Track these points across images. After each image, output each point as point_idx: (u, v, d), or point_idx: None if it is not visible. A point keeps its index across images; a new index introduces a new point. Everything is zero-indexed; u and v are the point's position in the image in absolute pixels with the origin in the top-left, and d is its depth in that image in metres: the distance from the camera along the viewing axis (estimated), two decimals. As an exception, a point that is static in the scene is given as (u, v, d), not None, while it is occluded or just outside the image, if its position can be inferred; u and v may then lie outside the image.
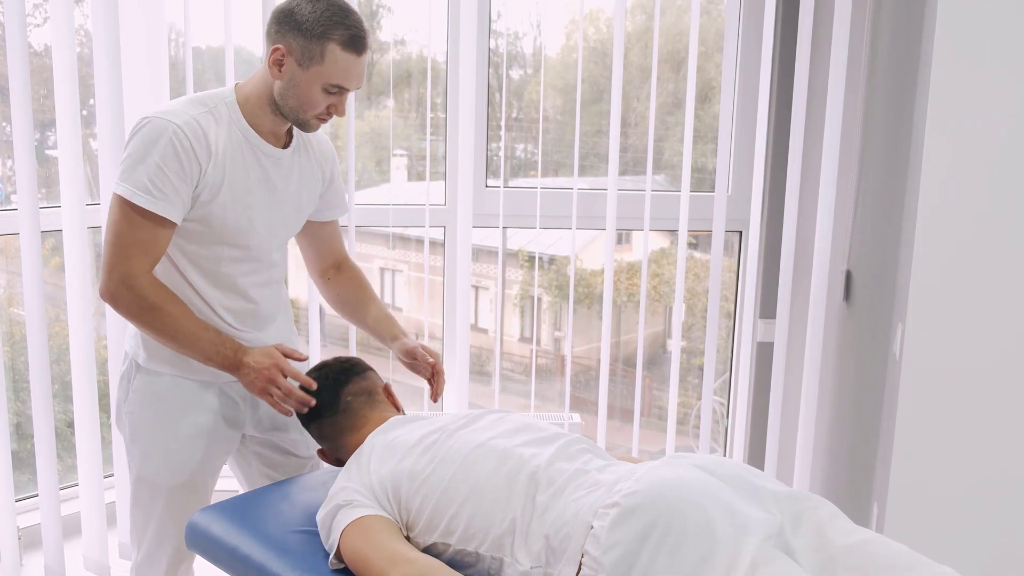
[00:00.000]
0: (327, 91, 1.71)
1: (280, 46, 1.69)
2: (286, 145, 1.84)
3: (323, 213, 2.01)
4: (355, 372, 1.87)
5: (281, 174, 1.83)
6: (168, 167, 1.67)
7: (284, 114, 1.76)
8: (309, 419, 1.84)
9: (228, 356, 1.74)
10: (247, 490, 2.02)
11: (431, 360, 1.97)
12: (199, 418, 1.86)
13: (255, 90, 1.76)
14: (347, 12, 1.69)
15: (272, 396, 1.75)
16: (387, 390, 1.91)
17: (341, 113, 1.77)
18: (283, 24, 1.69)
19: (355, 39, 1.69)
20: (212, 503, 1.86)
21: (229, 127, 1.75)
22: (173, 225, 1.71)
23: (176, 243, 1.77)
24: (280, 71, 1.71)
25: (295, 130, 1.85)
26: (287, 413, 1.78)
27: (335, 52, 1.68)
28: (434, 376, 1.97)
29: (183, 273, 1.80)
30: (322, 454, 1.88)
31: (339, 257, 2.11)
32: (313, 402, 1.79)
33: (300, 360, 1.81)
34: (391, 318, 2.07)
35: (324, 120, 1.78)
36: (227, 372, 1.77)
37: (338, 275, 2.10)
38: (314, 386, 1.79)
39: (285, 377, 1.75)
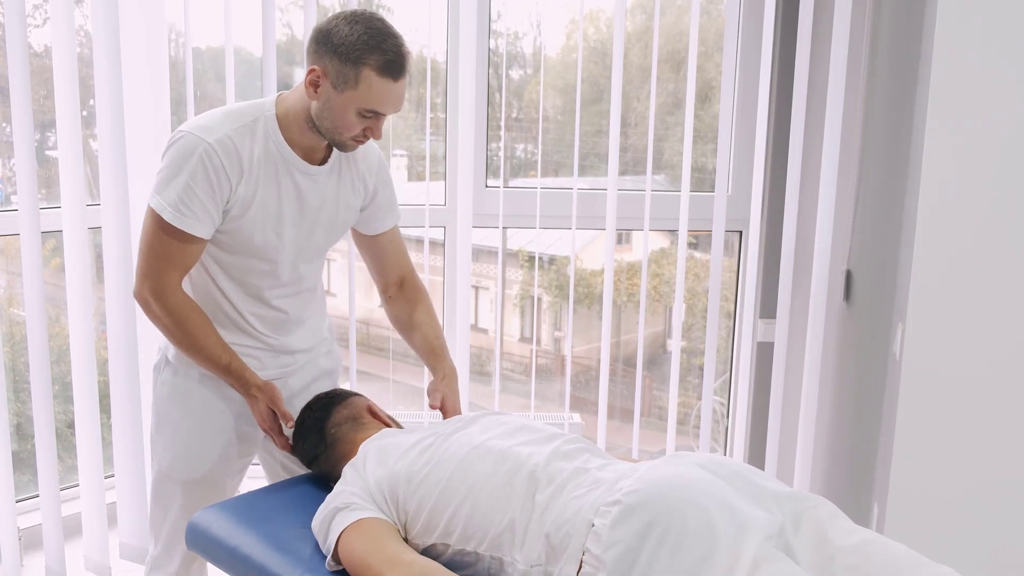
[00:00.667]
0: (362, 115, 1.68)
1: (316, 67, 1.66)
2: (324, 160, 1.82)
3: (370, 226, 1.97)
4: (335, 403, 1.88)
5: (316, 191, 1.81)
6: (197, 185, 1.68)
7: (321, 133, 1.73)
8: (309, 462, 1.88)
9: (233, 386, 1.84)
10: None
11: (434, 406, 1.93)
12: (220, 417, 1.89)
13: (294, 106, 1.74)
14: (384, 36, 1.64)
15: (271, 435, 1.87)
16: (371, 410, 1.90)
17: (378, 136, 1.74)
18: (320, 45, 1.65)
19: (391, 64, 1.64)
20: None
21: (265, 142, 1.74)
22: (202, 241, 1.74)
23: (208, 250, 1.79)
24: (316, 92, 1.68)
25: None
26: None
27: (370, 77, 1.64)
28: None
29: (214, 279, 1.83)
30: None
31: (401, 272, 2.05)
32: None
33: (288, 425, 1.86)
34: (434, 350, 2.00)
35: (361, 142, 1.75)
36: None
37: (399, 293, 2.05)
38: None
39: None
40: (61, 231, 2.47)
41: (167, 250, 1.72)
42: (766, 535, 1.34)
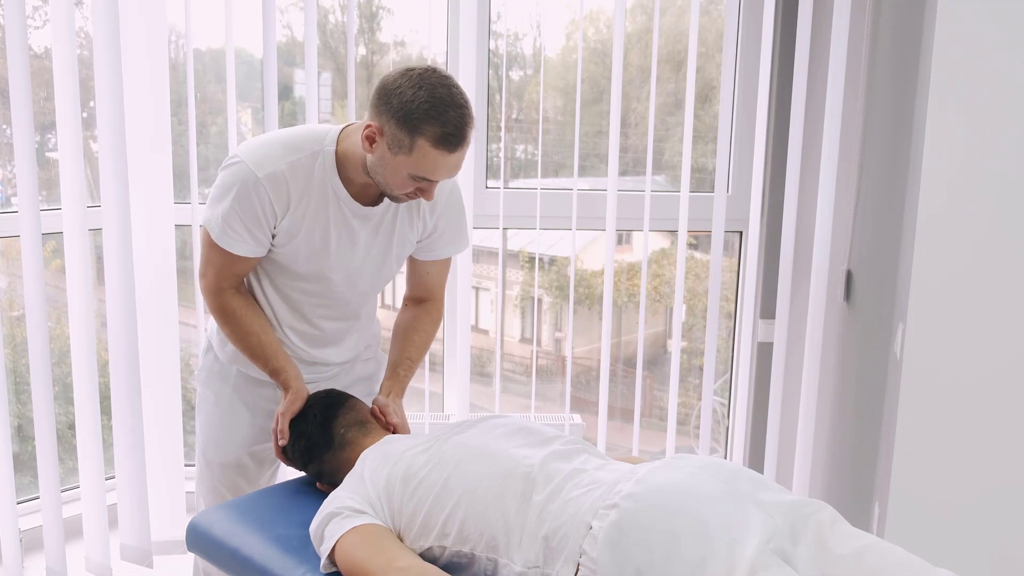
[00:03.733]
0: (414, 178, 1.65)
1: (373, 124, 1.63)
2: (381, 197, 1.79)
3: (420, 252, 1.96)
4: (340, 404, 1.86)
5: (369, 229, 1.81)
6: (243, 213, 1.71)
7: (375, 182, 1.72)
8: (307, 460, 1.84)
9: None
10: None
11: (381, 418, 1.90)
12: (249, 410, 1.94)
13: (353, 148, 1.72)
14: (447, 106, 1.58)
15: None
16: (375, 413, 1.89)
17: (429, 198, 1.71)
18: (381, 102, 1.61)
19: (448, 138, 1.59)
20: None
21: (322, 179, 1.73)
22: (247, 257, 1.77)
23: (261, 262, 1.83)
24: (371, 147, 1.65)
25: None
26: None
27: (424, 147, 1.59)
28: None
29: (260, 283, 1.86)
30: (323, 487, 1.86)
31: (425, 295, 2.04)
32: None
33: (280, 442, 1.87)
34: (397, 369, 1.96)
35: (413, 198, 1.72)
36: None
37: (413, 307, 2.04)
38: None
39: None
40: (62, 233, 2.47)
41: (219, 259, 1.78)
42: (764, 541, 1.33)
